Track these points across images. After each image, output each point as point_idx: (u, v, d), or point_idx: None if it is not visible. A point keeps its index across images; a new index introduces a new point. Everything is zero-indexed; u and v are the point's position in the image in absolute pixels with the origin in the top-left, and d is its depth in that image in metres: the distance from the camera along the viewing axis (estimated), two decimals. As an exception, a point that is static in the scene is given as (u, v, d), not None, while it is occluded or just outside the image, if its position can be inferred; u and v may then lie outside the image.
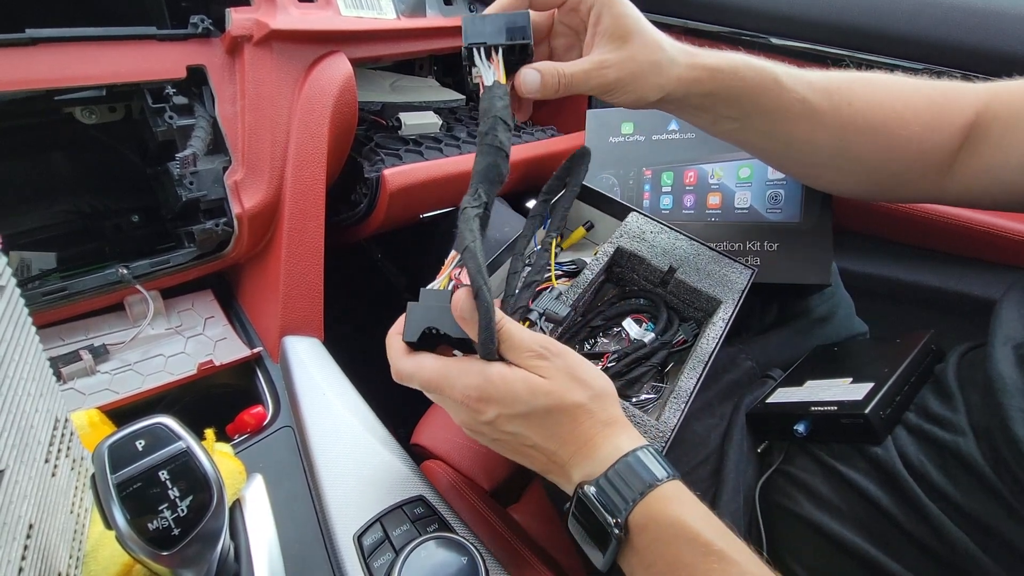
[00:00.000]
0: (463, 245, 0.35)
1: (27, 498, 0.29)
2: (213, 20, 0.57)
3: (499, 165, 0.39)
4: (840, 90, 0.47)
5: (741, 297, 0.52)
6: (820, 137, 0.47)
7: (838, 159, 0.49)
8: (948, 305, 0.75)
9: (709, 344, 0.48)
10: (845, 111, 0.46)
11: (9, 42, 0.47)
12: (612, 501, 0.33)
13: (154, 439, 0.32)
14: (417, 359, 0.38)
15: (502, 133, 0.39)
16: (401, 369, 0.38)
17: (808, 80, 0.46)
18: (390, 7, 0.71)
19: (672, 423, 0.44)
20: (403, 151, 0.74)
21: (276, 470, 0.48)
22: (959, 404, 0.43)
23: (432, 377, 0.37)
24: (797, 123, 0.47)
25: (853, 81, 0.47)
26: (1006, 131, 0.44)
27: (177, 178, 0.54)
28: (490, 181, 0.39)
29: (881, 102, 0.46)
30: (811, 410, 0.47)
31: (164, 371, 0.55)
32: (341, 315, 0.71)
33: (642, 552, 0.33)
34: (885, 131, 0.46)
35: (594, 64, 0.43)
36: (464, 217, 0.37)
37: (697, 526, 0.32)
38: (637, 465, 0.34)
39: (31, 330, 0.32)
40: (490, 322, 0.34)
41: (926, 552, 0.40)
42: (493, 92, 0.41)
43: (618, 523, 0.33)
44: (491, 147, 0.39)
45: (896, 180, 0.49)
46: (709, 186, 0.64)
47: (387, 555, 0.40)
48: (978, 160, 0.46)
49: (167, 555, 0.30)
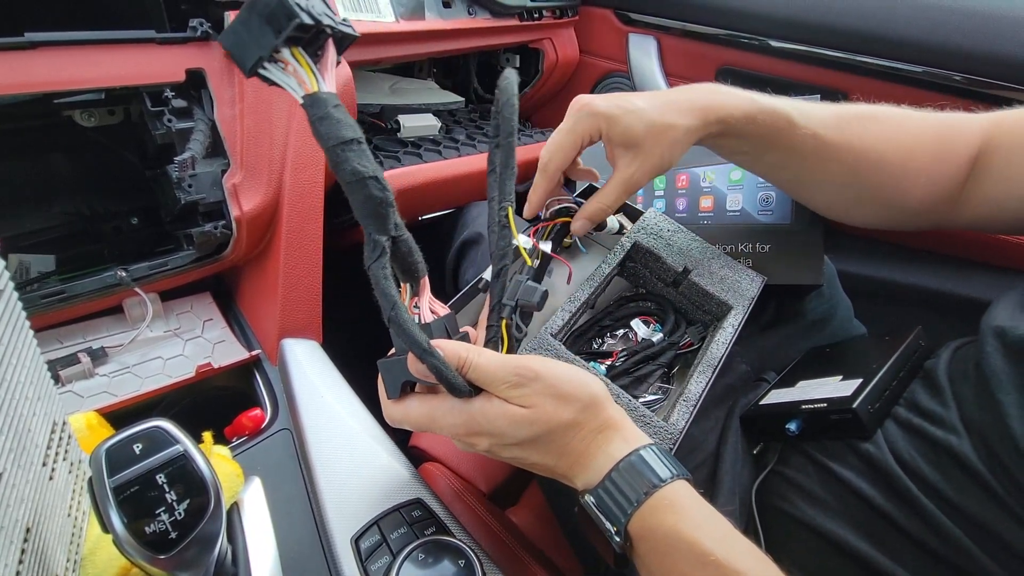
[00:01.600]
0: (385, 315, 0.32)
1: (24, 502, 0.29)
2: (212, 23, 0.57)
3: (371, 195, 0.31)
4: (851, 125, 0.48)
5: (751, 305, 0.52)
6: (832, 169, 0.49)
7: (849, 191, 0.51)
8: (946, 307, 0.75)
9: (719, 349, 0.49)
10: (856, 145, 0.48)
11: (8, 45, 0.47)
12: (611, 510, 0.33)
13: (151, 442, 0.32)
14: (404, 405, 0.38)
15: (354, 158, 0.31)
16: (391, 416, 0.39)
17: (820, 116, 0.48)
18: (389, 10, 0.71)
19: (681, 425, 0.44)
20: (402, 153, 0.74)
21: (274, 473, 0.48)
22: (949, 399, 0.44)
23: (419, 421, 0.38)
24: (809, 158, 0.49)
25: (863, 115, 0.49)
26: (1008, 162, 0.46)
27: (176, 181, 0.54)
28: (376, 215, 0.32)
29: (889, 136, 0.48)
30: (802, 408, 0.47)
31: (162, 373, 0.56)
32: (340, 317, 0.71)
33: (644, 558, 0.33)
34: (895, 163, 0.48)
35: (623, 182, 0.47)
36: (373, 280, 0.32)
37: (695, 534, 0.31)
38: (630, 472, 0.34)
39: (28, 334, 0.32)
40: (445, 374, 0.33)
41: (921, 549, 0.41)
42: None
43: (619, 531, 0.33)
44: (353, 183, 0.31)
45: (908, 210, 0.51)
46: (701, 189, 0.64)
47: (384, 558, 0.40)
48: (984, 190, 0.47)
49: (164, 558, 0.30)
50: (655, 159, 0.46)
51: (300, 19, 0.29)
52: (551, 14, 0.95)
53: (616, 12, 0.99)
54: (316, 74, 0.31)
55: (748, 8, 0.85)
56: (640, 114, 0.45)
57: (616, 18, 1.00)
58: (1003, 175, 0.46)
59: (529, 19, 0.92)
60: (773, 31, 0.83)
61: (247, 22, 0.30)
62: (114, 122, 0.59)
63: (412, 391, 0.39)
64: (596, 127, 0.47)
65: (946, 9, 0.70)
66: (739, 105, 0.46)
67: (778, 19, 0.82)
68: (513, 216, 0.42)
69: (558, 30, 0.98)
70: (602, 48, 1.02)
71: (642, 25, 0.97)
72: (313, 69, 0.31)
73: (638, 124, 0.45)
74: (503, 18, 0.87)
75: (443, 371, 0.34)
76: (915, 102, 0.77)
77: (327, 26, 0.31)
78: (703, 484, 0.50)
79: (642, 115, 0.45)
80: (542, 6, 0.93)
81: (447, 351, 0.34)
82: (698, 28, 0.91)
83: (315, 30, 0.30)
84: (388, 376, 0.38)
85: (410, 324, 0.33)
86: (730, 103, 0.46)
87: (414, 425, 0.38)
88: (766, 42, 0.84)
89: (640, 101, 0.46)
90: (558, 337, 0.48)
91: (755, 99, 0.47)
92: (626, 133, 0.46)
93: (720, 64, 0.91)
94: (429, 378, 0.34)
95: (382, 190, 0.32)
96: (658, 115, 0.45)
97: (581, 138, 0.47)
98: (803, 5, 0.80)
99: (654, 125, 0.45)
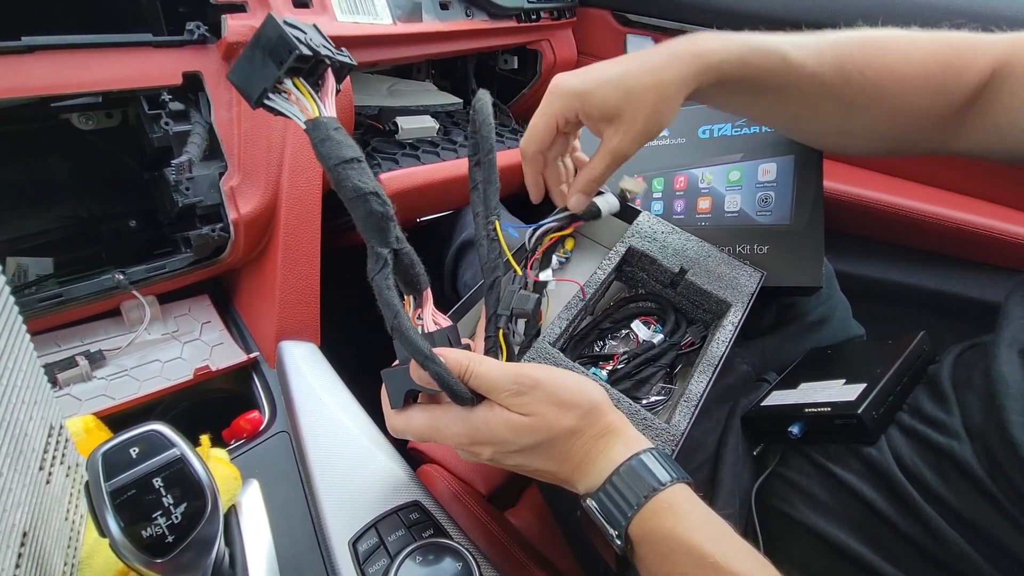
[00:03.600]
0: (388, 325, 0.33)
1: (21, 506, 0.29)
2: (209, 26, 0.57)
3: (372, 210, 0.32)
4: (852, 58, 0.45)
5: (751, 301, 0.52)
6: (828, 108, 0.47)
7: (845, 126, 0.49)
8: (945, 307, 0.75)
9: (719, 347, 0.49)
10: (856, 80, 0.45)
11: (5, 49, 0.47)
12: (612, 514, 0.33)
13: (148, 446, 0.32)
14: (406, 415, 0.38)
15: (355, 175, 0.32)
16: (393, 426, 0.39)
17: (818, 49, 0.45)
18: (386, 12, 0.71)
19: (682, 427, 0.44)
20: (400, 155, 0.74)
21: (272, 475, 0.48)
22: (953, 405, 0.43)
23: (422, 431, 0.37)
24: (805, 98, 0.46)
25: (865, 45, 0.46)
26: (1016, 91, 0.43)
27: (173, 184, 0.54)
28: (377, 229, 0.33)
29: (892, 68, 0.45)
30: (805, 411, 0.47)
31: (160, 376, 0.56)
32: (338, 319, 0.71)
33: (644, 560, 0.33)
34: (896, 98, 0.46)
35: (608, 153, 0.45)
36: (377, 291, 0.33)
37: (695, 537, 0.31)
38: (630, 476, 0.34)
39: (25, 338, 0.32)
40: (447, 381, 0.34)
41: (922, 554, 0.40)
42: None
43: (619, 534, 0.33)
44: (355, 199, 0.32)
45: (902, 140, 0.49)
46: (699, 190, 0.64)
47: (382, 561, 0.40)
48: (988, 118, 0.45)
49: (161, 562, 0.30)
50: (639, 125, 0.44)
51: (299, 51, 0.31)
52: (549, 15, 0.95)
53: (614, 13, 0.99)
54: (317, 101, 0.33)
55: (745, 9, 0.85)
56: (616, 82, 0.43)
57: (614, 19, 1.00)
58: (1010, 104, 0.44)
59: (527, 20, 0.92)
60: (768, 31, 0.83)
61: (251, 57, 0.32)
62: (112, 125, 0.59)
63: (415, 402, 0.39)
64: (570, 107, 0.45)
65: (944, 8, 0.70)
66: (731, 48, 0.44)
67: (775, 20, 0.82)
68: (501, 228, 0.42)
69: (556, 31, 0.98)
70: (600, 49, 1.02)
71: (640, 26, 0.97)
72: (314, 96, 0.33)
73: (613, 94, 0.43)
74: (500, 19, 0.87)
75: (446, 378, 0.34)
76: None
77: (325, 56, 0.33)
78: (703, 485, 0.50)
79: (618, 83, 0.43)
80: (540, 7, 0.93)
81: (449, 359, 0.34)
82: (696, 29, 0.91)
83: (314, 60, 0.33)
84: (391, 385, 0.38)
85: (413, 333, 0.33)
86: (722, 47, 0.44)
87: (417, 435, 0.38)
88: (763, 42, 0.84)
89: (615, 68, 0.44)
90: (557, 344, 0.48)
91: (746, 40, 0.44)
92: (603, 106, 0.43)
93: (718, 64, 0.91)
94: (432, 386, 0.35)
95: (382, 204, 0.33)
96: (635, 79, 0.43)
97: (555, 119, 0.46)
98: (800, 6, 0.80)
99: (631, 91, 0.43)
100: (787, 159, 0.60)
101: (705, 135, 0.64)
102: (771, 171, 0.60)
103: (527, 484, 0.66)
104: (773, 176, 0.60)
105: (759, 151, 0.61)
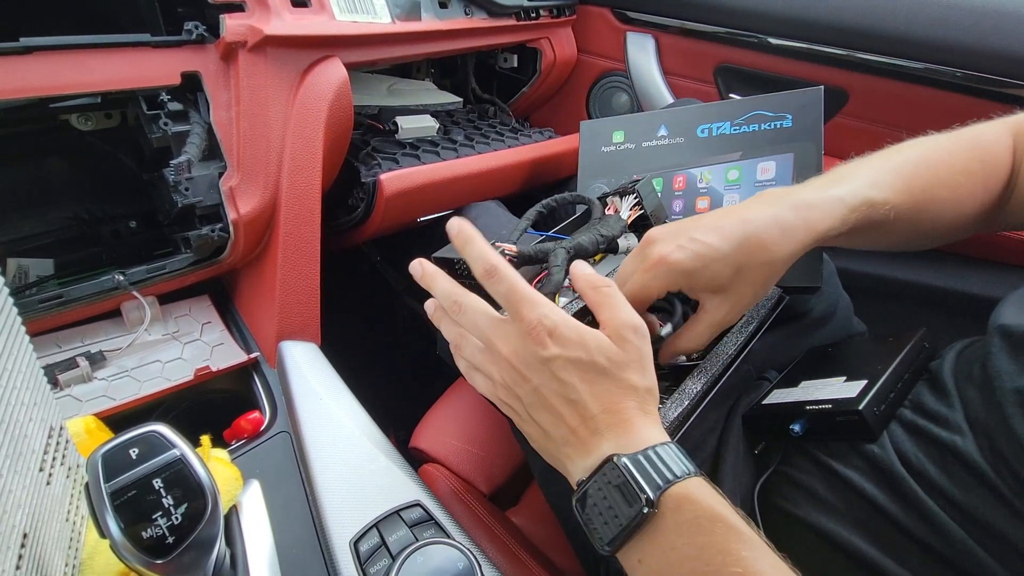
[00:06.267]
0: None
1: (21, 507, 0.29)
2: (207, 26, 0.57)
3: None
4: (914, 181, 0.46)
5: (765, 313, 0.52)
6: (900, 228, 0.47)
7: (913, 240, 0.51)
8: (948, 304, 0.75)
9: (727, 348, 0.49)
10: (921, 200, 0.46)
11: (4, 51, 0.47)
12: (649, 475, 0.33)
13: (148, 447, 0.32)
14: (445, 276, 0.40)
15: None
16: (497, 265, 0.37)
17: (891, 184, 0.45)
18: (385, 11, 0.71)
19: (670, 418, 0.44)
20: (400, 155, 0.74)
21: (273, 476, 0.48)
22: (955, 400, 0.43)
23: (522, 288, 0.36)
24: (886, 227, 0.46)
25: (919, 166, 0.47)
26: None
27: (172, 184, 0.54)
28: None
29: (943, 180, 0.47)
30: (806, 409, 0.47)
31: (161, 377, 0.56)
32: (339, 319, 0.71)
33: (667, 532, 0.32)
34: (950, 203, 0.48)
35: (712, 324, 0.44)
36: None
37: (731, 517, 0.32)
38: (667, 456, 0.34)
39: (24, 339, 0.32)
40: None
41: (926, 551, 0.40)
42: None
43: (649, 499, 0.32)
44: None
45: (959, 232, 0.51)
46: (698, 190, 0.63)
47: (383, 561, 0.40)
48: (1019, 196, 0.48)
49: (162, 563, 0.30)
50: (747, 299, 0.44)
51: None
52: (548, 13, 0.95)
53: (614, 11, 0.99)
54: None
55: (747, 6, 0.85)
56: (726, 260, 0.42)
57: (614, 17, 0.99)
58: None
59: (526, 18, 0.91)
60: (772, 29, 0.83)
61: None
62: (111, 126, 0.59)
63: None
64: (675, 284, 0.43)
65: (944, 5, 0.70)
66: (834, 215, 0.43)
67: (777, 16, 0.82)
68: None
69: (556, 29, 0.98)
70: (600, 47, 1.02)
71: (640, 24, 0.97)
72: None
73: (724, 271, 0.42)
74: (500, 18, 0.87)
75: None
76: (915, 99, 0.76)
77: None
78: (704, 484, 0.50)
79: (728, 261, 0.42)
80: (539, 5, 0.93)
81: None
82: (696, 26, 0.91)
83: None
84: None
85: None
86: (828, 215, 0.43)
87: (508, 290, 0.37)
88: (765, 40, 0.84)
89: (720, 242, 0.42)
90: None
91: (841, 199, 0.43)
92: (712, 283, 0.43)
93: (719, 62, 0.91)
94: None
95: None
96: (747, 257, 0.42)
97: (656, 294, 0.44)
98: (802, 2, 0.80)
99: (742, 269, 0.42)
100: (786, 157, 0.59)
101: (704, 134, 0.64)
102: (770, 169, 0.60)
103: (528, 483, 0.66)
104: (772, 175, 0.60)
105: (758, 149, 0.61)
